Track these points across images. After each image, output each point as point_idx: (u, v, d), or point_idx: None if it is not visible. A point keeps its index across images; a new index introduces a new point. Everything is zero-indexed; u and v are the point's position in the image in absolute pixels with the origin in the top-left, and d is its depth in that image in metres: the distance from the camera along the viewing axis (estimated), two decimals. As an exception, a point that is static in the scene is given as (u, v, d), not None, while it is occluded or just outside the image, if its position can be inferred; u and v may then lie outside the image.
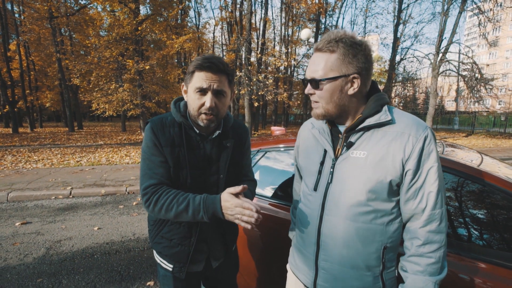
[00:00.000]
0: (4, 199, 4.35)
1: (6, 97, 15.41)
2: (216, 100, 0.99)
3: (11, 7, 18.89)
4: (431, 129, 0.83)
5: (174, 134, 1.02)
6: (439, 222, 0.81)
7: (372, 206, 0.84)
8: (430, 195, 0.80)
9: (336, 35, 0.83)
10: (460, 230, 1.30)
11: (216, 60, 0.97)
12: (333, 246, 0.89)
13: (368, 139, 0.85)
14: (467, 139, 15.57)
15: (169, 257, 1.09)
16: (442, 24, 15.02)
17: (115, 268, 2.49)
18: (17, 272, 2.41)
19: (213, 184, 1.08)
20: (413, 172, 0.80)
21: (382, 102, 0.86)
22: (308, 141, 1.04)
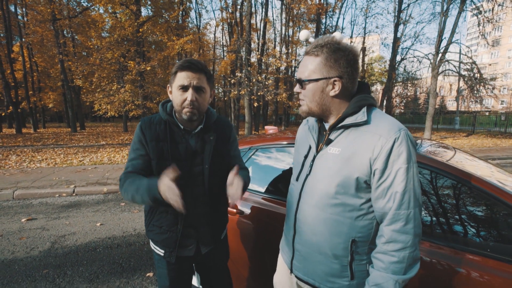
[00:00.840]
0: (10, 196, 4.50)
1: (10, 98, 15.65)
2: (197, 95, 1.12)
3: (14, 9, 19.15)
4: (406, 132, 0.85)
5: (159, 130, 1.17)
6: (405, 223, 0.83)
7: (340, 199, 0.90)
8: (396, 195, 0.83)
9: (323, 41, 0.91)
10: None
11: (194, 61, 1.12)
12: (305, 231, 0.99)
13: (345, 137, 0.92)
14: (467, 139, 15.61)
15: (160, 243, 1.22)
16: (441, 24, 15.07)
17: (117, 261, 2.62)
18: (24, 264, 2.55)
19: (199, 174, 1.20)
20: (380, 172, 0.84)
21: (361, 104, 0.91)
22: (301, 136, 1.14)
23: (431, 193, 1.42)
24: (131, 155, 1.18)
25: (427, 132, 14.82)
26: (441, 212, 1.38)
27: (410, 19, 21.01)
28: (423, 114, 25.81)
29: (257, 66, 17.39)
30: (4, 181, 5.18)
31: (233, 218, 1.79)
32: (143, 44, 12.82)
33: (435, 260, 1.22)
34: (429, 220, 1.38)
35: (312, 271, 1.00)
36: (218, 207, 1.30)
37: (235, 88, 13.31)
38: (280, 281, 1.19)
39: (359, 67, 0.96)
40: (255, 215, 1.73)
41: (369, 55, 31.43)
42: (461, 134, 19.36)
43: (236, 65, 15.72)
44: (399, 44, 20.73)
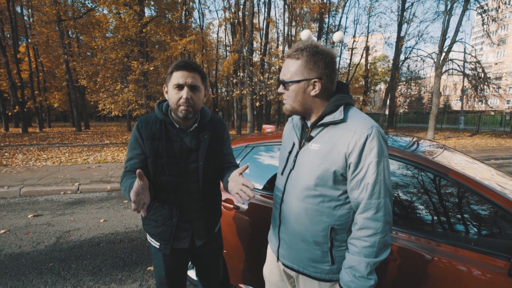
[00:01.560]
0: (17, 193, 4.62)
1: (16, 97, 15.89)
2: (192, 93, 1.18)
3: (20, 10, 19.43)
4: (378, 128, 0.94)
5: (155, 129, 1.23)
6: (375, 211, 0.91)
7: (319, 191, 0.99)
8: (368, 186, 0.91)
9: (303, 45, 0.98)
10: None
11: (189, 61, 1.19)
12: (288, 221, 1.08)
13: (324, 134, 1.00)
14: (470, 139, 15.51)
15: (156, 236, 1.29)
16: (445, 23, 14.98)
17: (119, 255, 2.71)
18: (31, 258, 2.65)
19: (193, 170, 1.27)
20: (354, 165, 0.92)
21: (338, 103, 0.99)
22: (286, 134, 1.23)
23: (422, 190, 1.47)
24: (128, 154, 1.25)
25: (430, 131, 14.75)
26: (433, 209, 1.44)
27: (413, 18, 20.88)
28: (427, 114, 25.62)
29: (260, 65, 17.43)
30: (11, 178, 5.32)
31: (230, 213, 1.86)
32: (146, 44, 12.95)
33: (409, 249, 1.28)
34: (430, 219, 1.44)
35: (296, 257, 1.08)
36: (212, 202, 1.37)
37: (238, 87, 13.39)
38: (269, 270, 1.27)
39: (337, 68, 1.05)
40: (251, 210, 1.80)
41: (373, 54, 31.27)
42: (465, 133, 19.21)
43: (238, 65, 15.80)
44: (403, 43, 20.61)
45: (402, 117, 33.29)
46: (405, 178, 1.49)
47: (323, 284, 1.06)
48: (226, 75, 20.53)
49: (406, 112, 32.16)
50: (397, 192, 1.48)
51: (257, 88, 12.12)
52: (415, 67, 19.93)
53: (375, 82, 36.03)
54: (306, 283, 1.09)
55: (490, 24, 14.76)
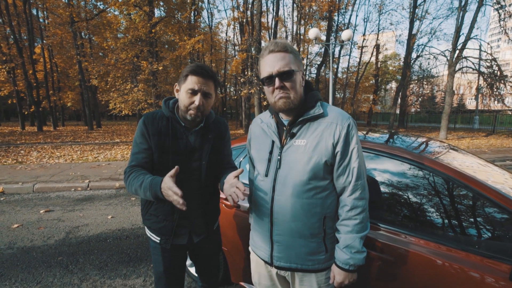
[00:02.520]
0: (30, 190, 4.79)
1: (32, 97, 16.43)
2: (204, 100, 1.21)
3: (36, 12, 20.04)
4: (352, 118, 1.05)
5: (162, 125, 1.25)
6: (361, 190, 1.03)
7: (312, 184, 1.02)
8: (354, 170, 1.02)
9: (280, 42, 1.03)
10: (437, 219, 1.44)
11: (206, 68, 1.21)
12: (283, 221, 1.06)
13: (306, 130, 1.05)
14: (485, 139, 15.03)
15: (157, 230, 1.31)
16: (459, 20, 14.56)
17: (125, 251, 2.78)
18: (41, 251, 2.74)
19: (196, 168, 1.29)
20: (341, 153, 1.01)
21: (316, 98, 1.08)
22: (258, 135, 1.21)
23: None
24: (134, 149, 1.26)
25: (443, 131, 14.38)
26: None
27: (426, 15, 20.40)
28: (440, 113, 24.98)
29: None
30: (25, 175, 5.51)
31: (231, 211, 1.88)
32: (156, 44, 13.13)
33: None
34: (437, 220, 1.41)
35: (294, 256, 1.08)
36: (211, 200, 1.39)
37: (246, 87, 13.42)
38: (258, 278, 1.26)
39: None
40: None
41: (383, 53, 30.69)
42: (480, 133, 18.63)
43: (246, 64, 15.83)
44: (415, 41, 20.16)
45: (414, 116, 32.56)
46: (409, 180, 1.47)
47: (319, 275, 1.09)
48: (234, 74, 20.61)
49: (418, 112, 31.45)
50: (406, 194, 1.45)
51: (264, 87, 12.09)
52: (428, 65, 19.49)
53: (385, 81, 35.35)
54: (303, 279, 1.10)
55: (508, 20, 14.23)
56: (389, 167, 1.51)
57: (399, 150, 1.49)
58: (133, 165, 1.24)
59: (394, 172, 1.49)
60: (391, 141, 1.75)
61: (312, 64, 27.26)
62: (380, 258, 1.32)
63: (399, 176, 1.48)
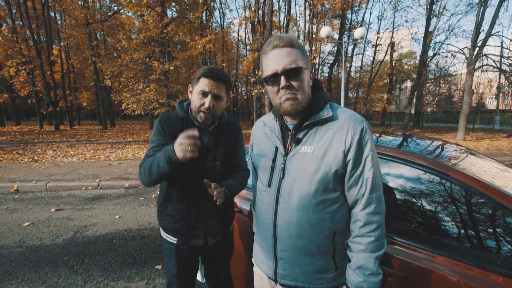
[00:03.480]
0: (43, 188, 4.90)
1: (50, 97, 17.01)
2: (214, 102, 1.22)
3: (54, 15, 20.71)
4: (366, 121, 0.91)
5: (177, 126, 1.27)
6: (376, 204, 0.90)
7: (321, 196, 0.91)
8: (368, 181, 0.89)
9: (289, 36, 0.91)
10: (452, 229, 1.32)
11: (218, 71, 1.21)
12: (288, 236, 0.95)
13: (313, 135, 0.93)
14: (507, 140, 14.32)
15: (173, 231, 1.29)
16: (479, 16, 13.93)
17: (130, 252, 2.76)
18: (49, 250, 2.77)
19: (210, 169, 1.28)
20: (353, 162, 0.89)
21: (326, 99, 0.96)
22: (260, 139, 1.10)
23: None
24: (152, 144, 1.26)
25: (461, 132, 13.82)
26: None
27: (444, 11, 19.65)
28: (457, 113, 24.04)
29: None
30: (39, 174, 5.65)
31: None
32: (167, 45, 13.28)
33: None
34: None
35: (300, 274, 0.98)
36: (226, 201, 1.32)
37: (257, 86, 13.37)
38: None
39: None
40: (251, 212, 1.73)
41: (398, 51, 29.88)
42: (500, 134, 17.80)
43: (257, 64, 15.76)
44: (431, 39, 19.45)
45: (430, 116, 31.52)
46: (427, 189, 1.35)
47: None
48: (246, 74, 20.63)
49: (434, 112, 30.41)
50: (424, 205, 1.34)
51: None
52: (445, 63, 18.75)
53: (400, 80, 34.40)
54: None
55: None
56: (404, 173, 1.39)
57: (413, 156, 1.37)
58: (148, 156, 1.23)
59: (410, 180, 1.37)
60: (405, 145, 1.63)
61: (324, 63, 26.88)
62: (395, 275, 1.20)
63: (416, 184, 1.36)
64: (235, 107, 29.98)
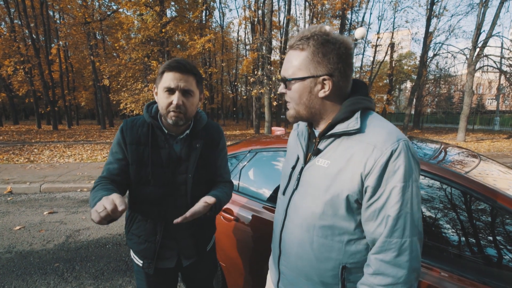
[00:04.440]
0: (37, 190, 4.80)
1: (48, 97, 16.89)
2: (184, 99, 1.04)
3: (52, 14, 20.58)
4: (407, 143, 0.71)
5: (141, 133, 1.10)
6: (397, 253, 0.69)
7: (328, 221, 0.78)
8: (388, 220, 0.70)
9: (309, 32, 0.77)
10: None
11: (183, 61, 1.04)
12: (290, 253, 0.88)
13: (335, 148, 0.79)
14: (507, 141, 14.25)
15: (139, 253, 1.15)
16: (480, 16, 13.86)
17: (123, 258, 2.66)
18: (39, 256, 2.67)
19: (182, 182, 1.12)
20: (372, 190, 0.71)
21: (354, 108, 0.78)
22: (291, 144, 1.03)
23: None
24: (109, 158, 1.12)
25: (461, 133, 13.74)
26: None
27: (444, 12, 19.59)
28: (457, 114, 23.97)
29: (279, 64, 17.16)
30: (34, 174, 5.55)
31: (229, 224, 1.71)
32: (166, 44, 13.17)
33: None
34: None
35: None
36: (203, 219, 1.19)
37: (256, 86, 13.26)
38: None
39: (353, 62, 0.82)
40: (252, 223, 1.63)
41: (398, 51, 29.81)
42: (501, 135, 17.73)
43: (257, 64, 15.66)
44: (431, 39, 19.39)
45: (430, 117, 31.46)
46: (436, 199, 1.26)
47: None
48: (245, 74, 20.52)
49: (434, 112, 30.35)
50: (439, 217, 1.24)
51: (275, 87, 11.92)
52: (445, 64, 18.69)
53: (400, 80, 34.33)
54: None
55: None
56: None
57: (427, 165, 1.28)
58: (103, 177, 1.08)
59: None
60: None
61: (323, 64, 26.72)
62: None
63: (437, 198, 1.27)
64: (235, 107, 29.84)
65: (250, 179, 1.79)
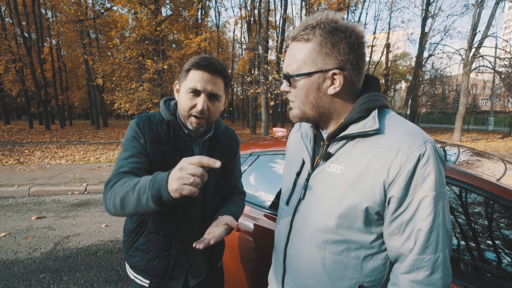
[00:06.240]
0: (26, 193, 4.60)
1: (40, 96, 16.52)
2: (209, 103, 0.93)
3: (44, 12, 20.17)
4: (434, 145, 0.63)
5: (161, 132, 0.96)
6: (430, 271, 0.61)
7: (343, 235, 0.68)
8: (420, 234, 0.61)
9: (314, 20, 0.67)
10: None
11: (214, 60, 0.91)
12: (297, 272, 0.77)
13: (349, 152, 0.69)
14: (502, 141, 14.36)
15: (146, 272, 0.99)
16: (475, 17, 13.93)
17: (115, 268, 2.51)
18: (24, 266, 2.50)
19: (200, 191, 0.97)
20: (398, 201, 0.62)
21: (371, 106, 0.68)
22: (292, 145, 0.92)
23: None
24: (126, 152, 0.91)
25: (457, 133, 13.81)
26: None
27: (439, 12, 19.68)
28: (452, 114, 24.17)
29: (276, 63, 17.05)
30: (23, 177, 5.34)
31: (230, 235, 1.57)
32: (161, 43, 12.94)
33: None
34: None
35: None
36: None
37: (252, 86, 13.13)
38: None
39: (365, 53, 0.69)
40: (255, 233, 1.50)
41: (393, 52, 29.96)
42: (495, 135, 17.89)
43: (253, 63, 15.51)
44: (427, 39, 19.46)
45: (425, 117, 31.70)
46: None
47: None
48: (241, 73, 20.36)
49: (430, 112, 30.59)
50: None
51: (272, 86, 11.80)
52: (440, 64, 18.79)
53: (395, 80, 34.53)
54: None
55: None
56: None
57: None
58: (124, 172, 0.86)
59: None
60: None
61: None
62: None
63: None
64: (231, 107, 29.66)
65: (251, 185, 1.66)
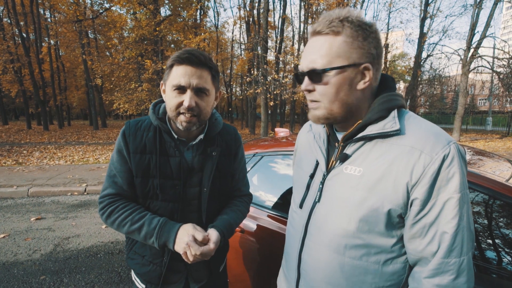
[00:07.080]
0: (25, 194, 4.56)
1: (38, 97, 16.43)
2: (197, 98, 0.87)
3: (43, 12, 20.09)
4: (457, 146, 0.61)
5: (146, 139, 0.93)
6: (455, 275, 0.60)
7: (364, 239, 0.66)
8: (444, 237, 0.59)
9: (339, 14, 0.64)
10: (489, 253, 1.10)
11: (196, 52, 0.85)
12: (313, 278, 0.74)
13: (367, 153, 0.67)
14: (501, 141, 14.41)
15: (141, 276, 0.99)
16: (474, 17, 13.98)
17: (116, 269, 2.49)
18: (24, 268, 2.47)
19: (194, 197, 0.96)
20: (421, 203, 0.60)
21: (390, 105, 0.66)
22: (303, 147, 0.89)
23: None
24: (111, 168, 0.94)
25: (456, 133, 13.84)
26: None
27: (438, 13, 19.74)
28: (450, 114, 24.25)
29: (275, 64, 17.04)
30: (22, 178, 5.30)
31: (235, 236, 1.56)
32: (160, 43, 12.92)
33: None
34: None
35: None
36: None
37: (252, 86, 13.12)
38: None
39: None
40: (259, 234, 1.49)
41: (392, 52, 30.06)
42: (494, 135, 17.95)
43: (252, 64, 15.50)
44: (425, 40, 19.53)
45: (423, 117, 31.67)
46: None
47: None
48: (240, 74, 20.34)
49: (429, 112, 30.67)
50: None
51: (271, 87, 11.80)
52: (439, 64, 18.86)
53: (394, 81, 34.64)
54: None
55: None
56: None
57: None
58: (112, 194, 0.92)
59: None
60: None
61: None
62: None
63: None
64: (230, 108, 29.62)
65: (255, 186, 1.64)
